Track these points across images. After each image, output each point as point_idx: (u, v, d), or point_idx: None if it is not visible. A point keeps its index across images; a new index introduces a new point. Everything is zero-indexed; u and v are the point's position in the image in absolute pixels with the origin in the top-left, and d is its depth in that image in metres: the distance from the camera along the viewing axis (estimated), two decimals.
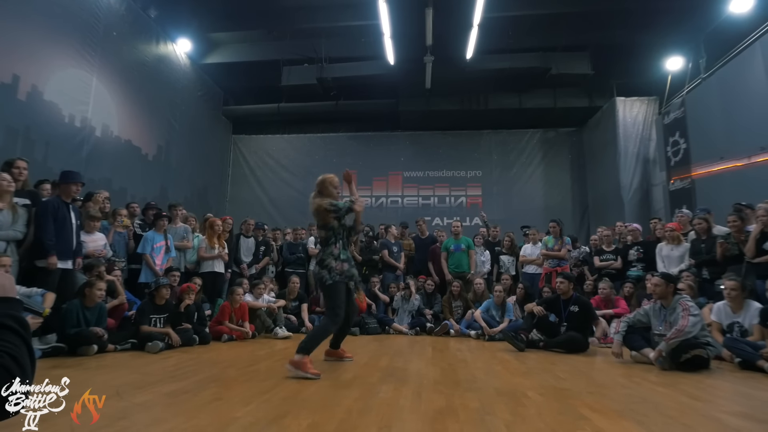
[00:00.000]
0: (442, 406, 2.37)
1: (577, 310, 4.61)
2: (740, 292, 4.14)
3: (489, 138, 11.68)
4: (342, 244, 3.40)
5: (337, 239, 3.38)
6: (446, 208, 11.42)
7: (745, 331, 4.05)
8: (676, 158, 8.83)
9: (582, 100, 10.82)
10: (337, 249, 3.35)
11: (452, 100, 11.01)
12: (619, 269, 6.10)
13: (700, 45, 8.57)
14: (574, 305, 4.66)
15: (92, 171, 7.21)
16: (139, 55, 8.43)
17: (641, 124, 9.88)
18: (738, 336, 4.03)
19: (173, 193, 9.34)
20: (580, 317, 4.61)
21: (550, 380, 3.10)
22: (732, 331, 4.14)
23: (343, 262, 3.35)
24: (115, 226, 5.08)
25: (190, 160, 9.98)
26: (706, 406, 2.49)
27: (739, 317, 4.13)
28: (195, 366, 3.38)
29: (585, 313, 4.65)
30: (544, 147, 11.58)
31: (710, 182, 7.82)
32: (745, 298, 4.16)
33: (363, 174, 11.64)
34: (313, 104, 11.29)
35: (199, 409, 2.21)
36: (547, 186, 11.29)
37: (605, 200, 10.24)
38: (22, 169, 4.04)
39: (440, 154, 11.64)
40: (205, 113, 10.88)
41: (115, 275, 4.58)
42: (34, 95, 6.27)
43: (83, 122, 7.10)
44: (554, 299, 4.88)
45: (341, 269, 3.31)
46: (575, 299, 4.71)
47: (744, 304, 4.14)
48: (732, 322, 4.16)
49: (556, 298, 4.85)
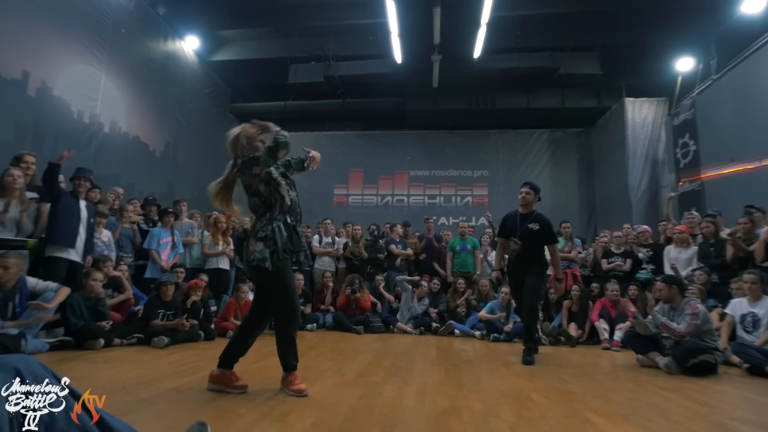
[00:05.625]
0: (445, 406, 2.36)
1: (537, 229, 4.00)
2: (760, 285, 4.16)
3: (496, 138, 11.62)
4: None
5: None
6: (452, 208, 11.39)
7: (757, 321, 4.06)
8: (685, 160, 8.74)
9: (590, 100, 10.74)
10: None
11: (459, 99, 10.96)
12: (627, 272, 6.03)
13: (711, 46, 8.47)
14: (534, 223, 4.03)
15: (101, 167, 7.26)
16: (148, 51, 8.47)
17: (650, 126, 9.79)
18: (750, 327, 4.07)
19: (180, 190, 9.39)
20: (537, 237, 4.03)
21: (555, 383, 3.08)
22: (744, 321, 4.14)
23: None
24: (122, 222, 5.11)
25: (197, 157, 10.01)
26: (713, 412, 2.46)
27: (754, 308, 4.13)
28: (200, 362, 3.39)
29: (544, 233, 4.04)
30: (552, 147, 11.51)
31: (720, 185, 7.73)
32: (763, 291, 4.16)
33: (369, 172, 11.65)
34: (320, 102, 11.29)
35: (204, 405, 2.22)
36: (554, 186, 11.21)
37: (613, 201, 10.16)
38: (30, 164, 4.07)
39: (447, 154, 11.60)
40: (213, 110, 10.91)
41: (121, 270, 4.61)
42: (44, 91, 6.31)
43: (92, 118, 7.15)
44: (512, 214, 4.24)
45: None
46: (536, 216, 4.07)
47: (761, 297, 4.14)
48: (746, 312, 4.16)
49: (514, 213, 4.21)
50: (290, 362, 2.56)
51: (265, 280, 2.55)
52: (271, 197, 2.57)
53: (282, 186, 2.59)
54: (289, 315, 2.56)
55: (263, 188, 2.56)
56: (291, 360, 2.57)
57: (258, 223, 2.58)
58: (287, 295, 2.53)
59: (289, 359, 2.56)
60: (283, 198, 2.58)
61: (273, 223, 2.53)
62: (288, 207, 2.60)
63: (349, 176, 11.68)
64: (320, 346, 4.53)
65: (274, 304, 2.57)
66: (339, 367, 3.40)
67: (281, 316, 2.57)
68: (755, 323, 4.07)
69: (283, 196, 2.58)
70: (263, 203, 2.57)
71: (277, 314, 2.59)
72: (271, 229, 2.51)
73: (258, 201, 2.58)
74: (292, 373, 2.56)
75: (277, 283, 2.51)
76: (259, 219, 2.58)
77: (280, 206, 2.58)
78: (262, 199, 2.57)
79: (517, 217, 4.14)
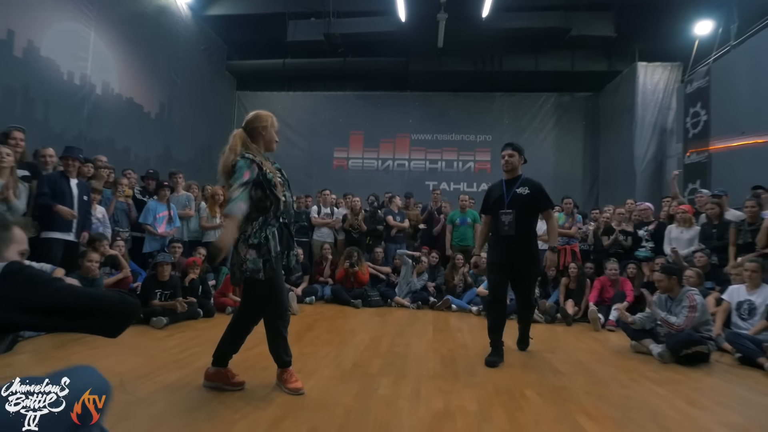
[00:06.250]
0: (440, 408, 2.39)
1: (527, 193, 3.43)
2: (760, 273, 4.14)
3: (501, 101, 11.27)
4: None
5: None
6: (453, 173, 11.23)
7: (754, 309, 4.08)
8: (694, 130, 8.49)
9: (601, 63, 10.30)
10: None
11: (465, 61, 10.52)
12: (627, 249, 6.00)
13: (733, 9, 8.00)
14: (522, 187, 3.46)
15: (94, 131, 7.10)
16: (138, 6, 8.05)
17: (661, 92, 9.45)
18: (746, 314, 4.10)
19: (177, 153, 9.24)
20: (529, 203, 3.45)
21: (549, 375, 3.12)
22: (740, 309, 4.17)
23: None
24: (116, 196, 5.03)
25: (193, 118, 9.76)
26: (704, 415, 2.49)
27: (752, 296, 4.14)
28: (199, 347, 3.43)
29: (536, 197, 3.46)
30: (558, 112, 11.18)
31: (728, 157, 7.54)
32: (763, 279, 4.16)
33: (370, 135, 11.40)
34: (320, 61, 10.83)
35: (200, 408, 2.24)
36: (558, 153, 11.00)
37: (617, 170, 9.99)
38: (18, 140, 3.93)
39: (450, 117, 11.29)
40: (208, 68, 10.51)
41: (118, 246, 4.58)
42: (31, 51, 6.06)
43: (83, 79, 6.90)
44: (495, 184, 3.68)
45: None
46: (524, 180, 3.50)
47: (761, 286, 4.14)
48: (743, 300, 4.18)
49: (498, 183, 3.64)
50: (283, 359, 2.54)
51: (254, 286, 2.43)
52: (266, 200, 2.38)
53: (278, 188, 2.40)
54: (277, 314, 2.49)
55: (254, 192, 2.34)
56: (284, 356, 2.54)
57: (249, 226, 2.36)
58: (276, 294, 2.45)
59: (282, 356, 2.53)
60: (278, 200, 2.40)
61: (266, 229, 2.38)
62: (282, 210, 2.45)
63: (349, 139, 11.44)
64: (318, 325, 4.58)
65: (262, 304, 2.48)
66: (336, 353, 3.43)
67: (271, 316, 2.50)
68: (751, 311, 4.09)
69: (279, 198, 2.40)
70: (256, 207, 2.37)
71: (266, 314, 2.51)
72: (264, 236, 2.36)
73: (250, 206, 2.34)
74: (287, 369, 2.55)
75: (267, 287, 2.41)
76: (250, 222, 2.37)
77: (275, 210, 2.41)
78: (255, 204, 2.36)
79: (503, 184, 3.57)
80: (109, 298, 1.21)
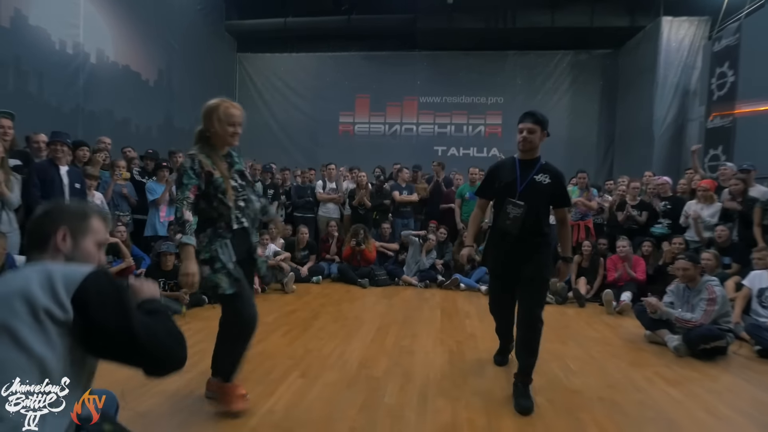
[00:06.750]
0: (447, 422, 2.32)
1: (547, 182, 2.60)
2: None
3: (514, 60, 10.69)
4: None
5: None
6: (463, 138, 10.87)
7: None
8: (720, 92, 8.00)
9: (623, 18, 9.61)
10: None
11: (476, 17, 9.87)
12: (642, 224, 5.79)
13: None
14: (542, 173, 2.63)
15: (92, 102, 6.86)
16: None
17: (686, 50, 8.85)
18: (767, 302, 3.96)
19: (179, 121, 8.97)
20: (546, 195, 2.62)
21: (560, 374, 3.04)
22: (762, 296, 4.02)
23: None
24: (114, 179, 4.88)
25: (193, 84, 9.41)
26: (722, 427, 2.41)
27: None
28: (202, 342, 3.35)
29: (556, 189, 2.64)
30: (574, 71, 10.60)
31: (753, 123, 7.13)
32: None
33: (376, 99, 10.98)
34: (324, 19, 10.27)
35: (202, 427, 2.20)
36: (572, 116, 10.53)
37: (634, 134, 9.56)
38: (6, 128, 3.74)
39: (460, 78, 10.77)
40: (206, 30, 10.02)
41: (119, 232, 4.48)
42: (19, 20, 5.75)
43: (76, 48, 6.59)
44: (505, 163, 2.79)
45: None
46: (544, 166, 2.65)
47: None
48: (766, 287, 4.02)
49: (510, 162, 2.75)
50: (228, 371, 2.29)
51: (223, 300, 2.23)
52: (211, 211, 2.15)
53: (229, 193, 2.15)
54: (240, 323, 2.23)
55: (199, 203, 2.14)
56: (230, 368, 2.29)
57: (197, 240, 2.11)
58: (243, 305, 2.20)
59: (227, 366, 2.29)
60: (229, 208, 2.15)
61: (215, 242, 2.13)
62: (233, 218, 2.17)
63: (355, 103, 11.04)
64: (324, 311, 4.52)
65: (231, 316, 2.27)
66: (342, 350, 3.37)
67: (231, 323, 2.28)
68: None
69: (229, 206, 2.15)
70: (201, 219, 2.14)
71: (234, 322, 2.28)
72: (214, 249, 2.12)
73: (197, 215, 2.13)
74: (227, 384, 2.29)
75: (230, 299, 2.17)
76: (197, 234, 2.11)
77: (227, 220, 2.16)
78: (201, 212, 2.14)
79: (516, 165, 2.69)
80: (170, 348, 1.13)
